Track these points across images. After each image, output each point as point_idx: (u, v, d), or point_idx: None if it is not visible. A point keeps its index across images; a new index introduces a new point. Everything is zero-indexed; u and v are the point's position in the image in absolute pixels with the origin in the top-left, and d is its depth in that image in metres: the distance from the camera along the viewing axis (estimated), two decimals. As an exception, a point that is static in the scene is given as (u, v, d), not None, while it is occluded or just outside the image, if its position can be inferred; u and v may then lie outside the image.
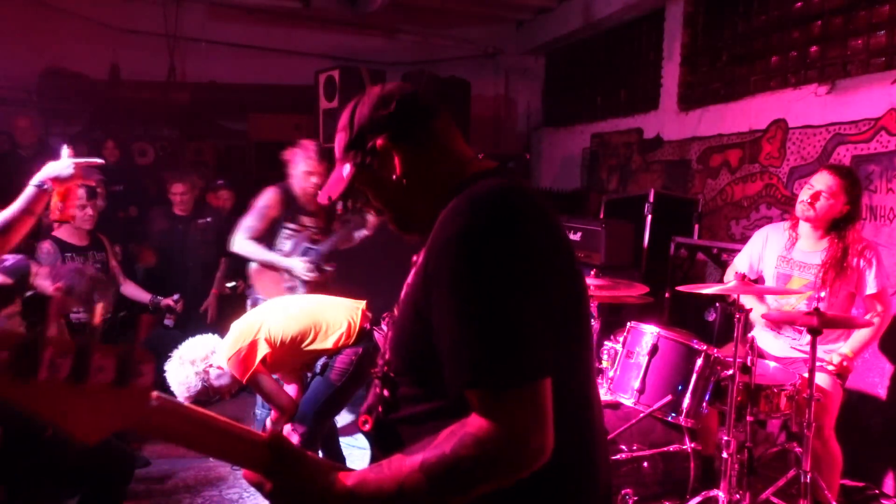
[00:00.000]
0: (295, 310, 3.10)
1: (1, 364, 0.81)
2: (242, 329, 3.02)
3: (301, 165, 3.74)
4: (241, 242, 3.74)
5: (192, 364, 3.01)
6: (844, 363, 3.04)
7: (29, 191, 2.12)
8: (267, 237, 3.78)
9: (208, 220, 4.87)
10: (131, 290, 4.27)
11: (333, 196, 1.25)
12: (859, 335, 3.09)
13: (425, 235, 1.18)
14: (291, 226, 3.84)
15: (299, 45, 6.75)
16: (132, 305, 4.36)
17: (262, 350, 2.93)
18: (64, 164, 2.15)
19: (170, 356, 3.09)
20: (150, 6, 6.29)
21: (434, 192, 1.20)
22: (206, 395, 3.09)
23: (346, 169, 1.24)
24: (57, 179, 2.14)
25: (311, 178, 3.73)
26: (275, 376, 3.12)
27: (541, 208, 1.11)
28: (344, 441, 3.63)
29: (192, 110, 6.48)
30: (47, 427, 2.43)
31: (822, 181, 3.12)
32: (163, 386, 4.25)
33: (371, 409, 1.22)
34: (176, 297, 4.27)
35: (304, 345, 3.00)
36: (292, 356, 3.03)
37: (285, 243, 3.81)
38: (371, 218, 3.90)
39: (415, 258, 1.25)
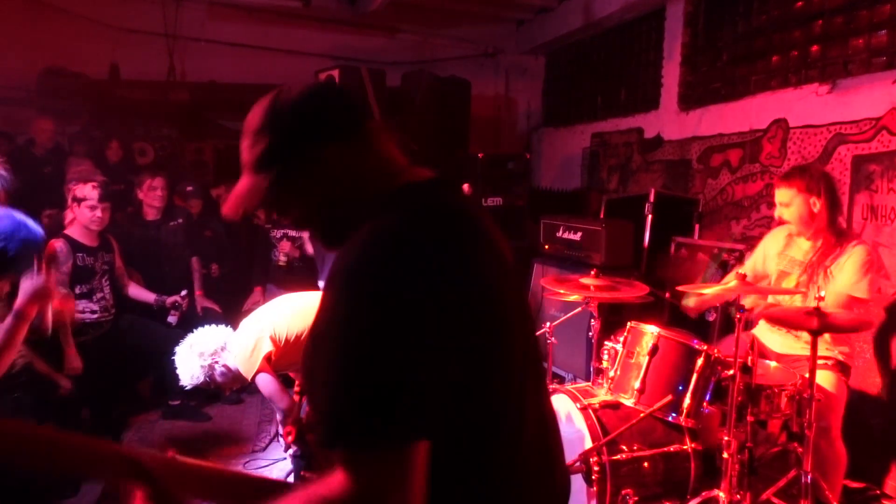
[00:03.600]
0: (300, 307, 3.09)
1: None
2: (249, 327, 3.03)
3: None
4: None
5: (201, 356, 3.03)
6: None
7: (9, 322, 2.14)
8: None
9: (179, 221, 4.84)
10: (135, 291, 4.29)
11: (250, 210, 1.13)
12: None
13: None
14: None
15: (299, 44, 6.74)
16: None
17: (267, 348, 2.93)
18: (38, 284, 2.17)
19: (174, 355, 3.11)
20: (149, 6, 6.29)
21: (363, 200, 1.09)
22: (207, 386, 3.10)
23: (262, 178, 1.10)
24: (36, 301, 2.16)
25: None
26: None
27: (450, 242, 1.01)
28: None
29: (192, 110, 6.48)
30: None
31: (777, 195, 3.16)
32: (162, 384, 4.26)
33: (296, 421, 1.20)
34: (183, 293, 4.28)
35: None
36: (297, 354, 3.02)
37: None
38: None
39: None
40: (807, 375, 2.73)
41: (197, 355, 3.04)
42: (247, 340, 2.98)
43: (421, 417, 0.92)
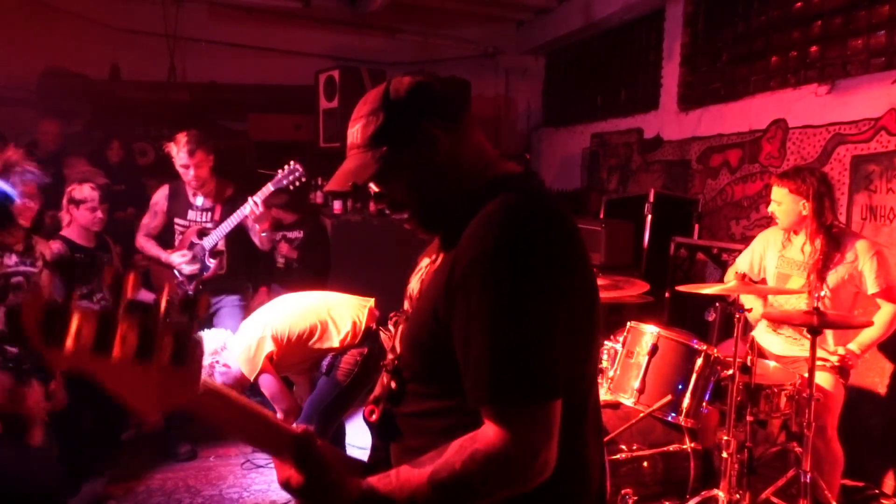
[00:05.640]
0: (301, 307, 3.10)
1: (86, 340, 0.84)
2: (250, 327, 3.03)
3: (176, 160, 3.73)
4: (137, 239, 3.93)
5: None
6: (847, 358, 3.04)
7: None
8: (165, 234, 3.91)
9: None
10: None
11: (360, 182, 1.16)
12: (868, 333, 3.09)
13: (443, 234, 1.17)
14: (181, 222, 3.92)
15: (299, 45, 6.75)
16: None
17: (268, 347, 2.94)
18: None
19: None
20: (150, 6, 6.29)
21: (464, 186, 1.17)
22: None
23: (375, 154, 1.16)
24: None
25: (188, 172, 3.73)
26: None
27: (569, 223, 1.10)
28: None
29: (192, 110, 6.47)
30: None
31: (772, 193, 3.24)
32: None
33: (378, 400, 1.23)
34: None
35: (310, 342, 3.00)
36: (299, 354, 3.03)
37: (176, 238, 3.92)
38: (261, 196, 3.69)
39: (432, 258, 1.23)
40: (806, 375, 2.74)
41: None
42: (248, 340, 2.98)
43: (562, 377, 1.02)
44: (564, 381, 1.03)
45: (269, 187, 3.74)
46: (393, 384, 1.20)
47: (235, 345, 3.02)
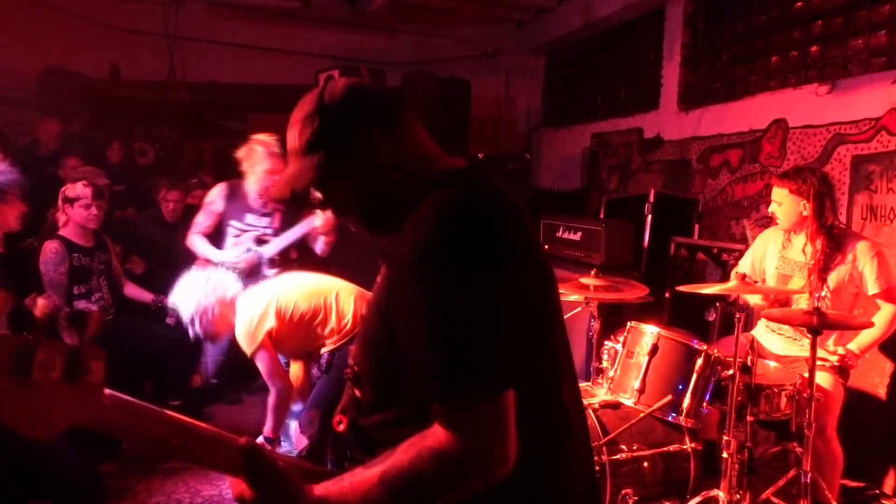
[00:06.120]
0: (310, 286, 3.05)
1: None
2: (253, 300, 2.96)
3: (262, 163, 3.65)
4: (190, 238, 3.83)
5: (210, 292, 2.94)
6: (847, 358, 3.04)
7: None
8: (216, 235, 3.82)
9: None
10: (133, 290, 4.27)
11: (298, 189, 1.16)
12: (868, 333, 3.09)
13: (390, 237, 1.15)
14: (237, 224, 3.84)
15: (299, 44, 6.75)
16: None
17: (270, 322, 2.88)
18: None
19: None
20: (150, 6, 6.30)
21: (408, 186, 1.14)
22: (187, 325, 3.01)
23: (312, 160, 1.15)
24: None
25: (271, 178, 3.64)
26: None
27: (508, 215, 1.08)
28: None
29: (192, 110, 6.47)
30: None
31: (773, 193, 3.23)
32: (162, 384, 4.26)
33: (346, 409, 1.22)
34: None
35: (313, 323, 2.95)
36: (298, 333, 2.97)
37: (230, 241, 3.81)
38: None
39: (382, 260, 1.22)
40: (806, 375, 2.74)
41: (209, 288, 2.95)
42: (251, 313, 2.91)
43: (510, 368, 1.00)
44: (514, 372, 1.00)
45: None
46: (356, 392, 1.18)
47: (239, 312, 2.96)
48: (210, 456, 1.03)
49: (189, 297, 2.97)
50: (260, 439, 2.88)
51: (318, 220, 3.68)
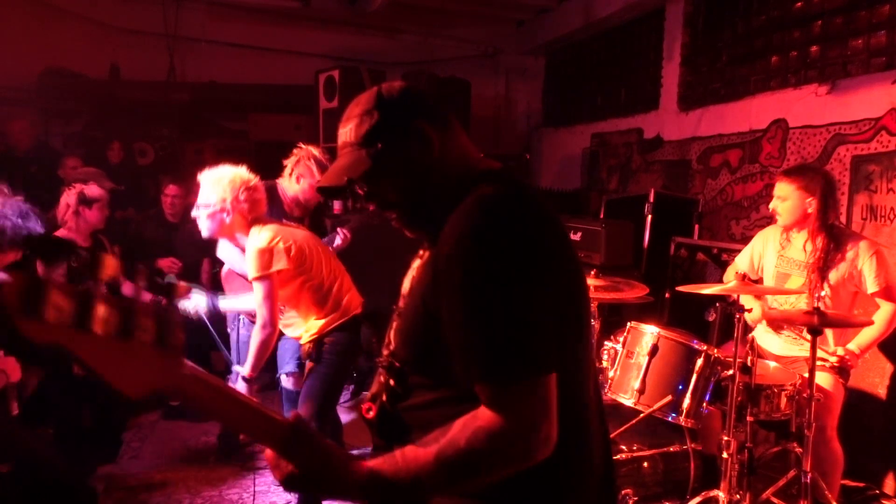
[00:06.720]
0: (325, 255, 3.03)
1: (66, 315, 0.85)
2: (276, 232, 2.87)
3: (311, 174, 3.61)
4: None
5: (229, 189, 2.90)
6: (847, 358, 3.04)
7: None
8: None
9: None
10: (131, 290, 4.27)
11: (354, 177, 1.19)
12: (867, 332, 3.09)
13: (430, 233, 1.19)
14: None
15: (299, 45, 6.75)
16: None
17: (281, 263, 2.80)
18: None
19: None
20: (150, 6, 6.30)
21: (451, 185, 1.19)
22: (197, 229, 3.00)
23: (369, 151, 1.19)
24: None
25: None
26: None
27: (545, 211, 1.14)
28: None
29: (192, 110, 6.47)
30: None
31: (777, 189, 3.22)
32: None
33: (375, 397, 1.24)
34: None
35: (313, 286, 2.92)
36: (294, 292, 2.92)
37: None
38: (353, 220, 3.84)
39: (420, 253, 1.27)
40: (806, 375, 2.74)
41: (228, 186, 2.91)
42: (269, 241, 2.80)
43: (555, 351, 1.06)
44: (557, 357, 1.05)
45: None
46: (391, 381, 1.21)
47: (255, 236, 2.85)
48: (258, 428, 1.08)
49: (211, 189, 2.94)
50: (240, 381, 2.83)
51: (339, 239, 3.93)
